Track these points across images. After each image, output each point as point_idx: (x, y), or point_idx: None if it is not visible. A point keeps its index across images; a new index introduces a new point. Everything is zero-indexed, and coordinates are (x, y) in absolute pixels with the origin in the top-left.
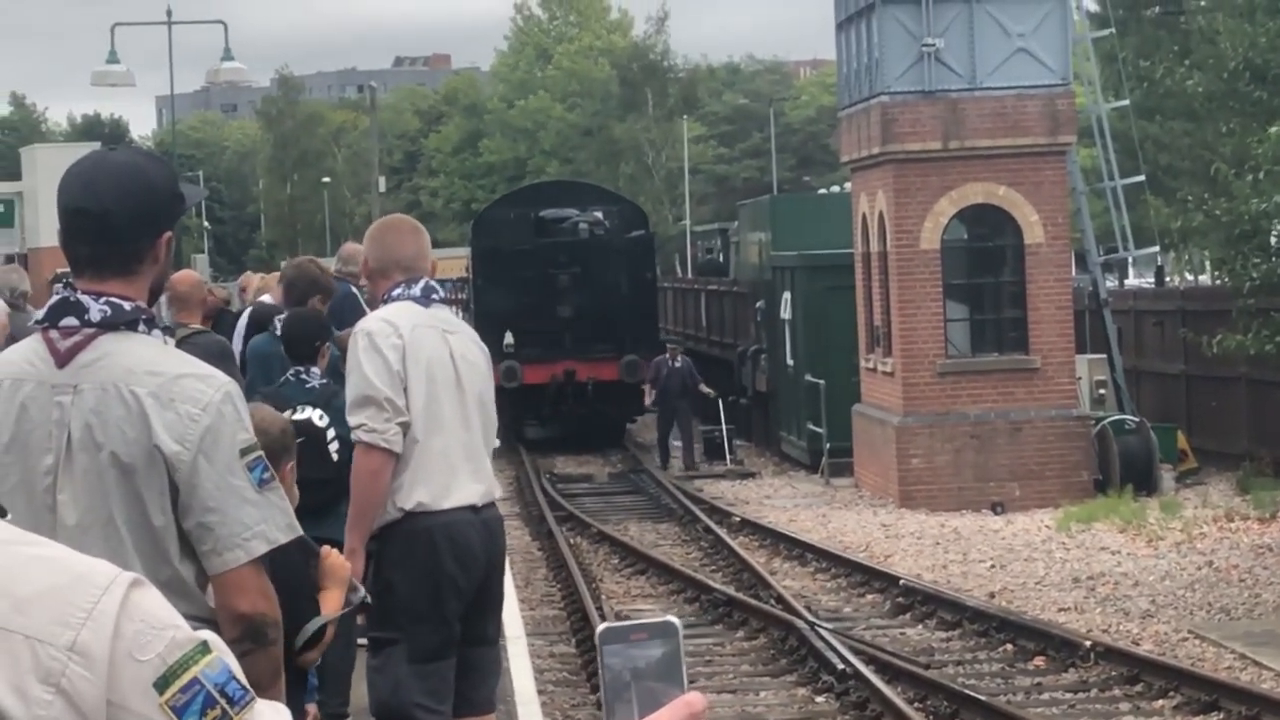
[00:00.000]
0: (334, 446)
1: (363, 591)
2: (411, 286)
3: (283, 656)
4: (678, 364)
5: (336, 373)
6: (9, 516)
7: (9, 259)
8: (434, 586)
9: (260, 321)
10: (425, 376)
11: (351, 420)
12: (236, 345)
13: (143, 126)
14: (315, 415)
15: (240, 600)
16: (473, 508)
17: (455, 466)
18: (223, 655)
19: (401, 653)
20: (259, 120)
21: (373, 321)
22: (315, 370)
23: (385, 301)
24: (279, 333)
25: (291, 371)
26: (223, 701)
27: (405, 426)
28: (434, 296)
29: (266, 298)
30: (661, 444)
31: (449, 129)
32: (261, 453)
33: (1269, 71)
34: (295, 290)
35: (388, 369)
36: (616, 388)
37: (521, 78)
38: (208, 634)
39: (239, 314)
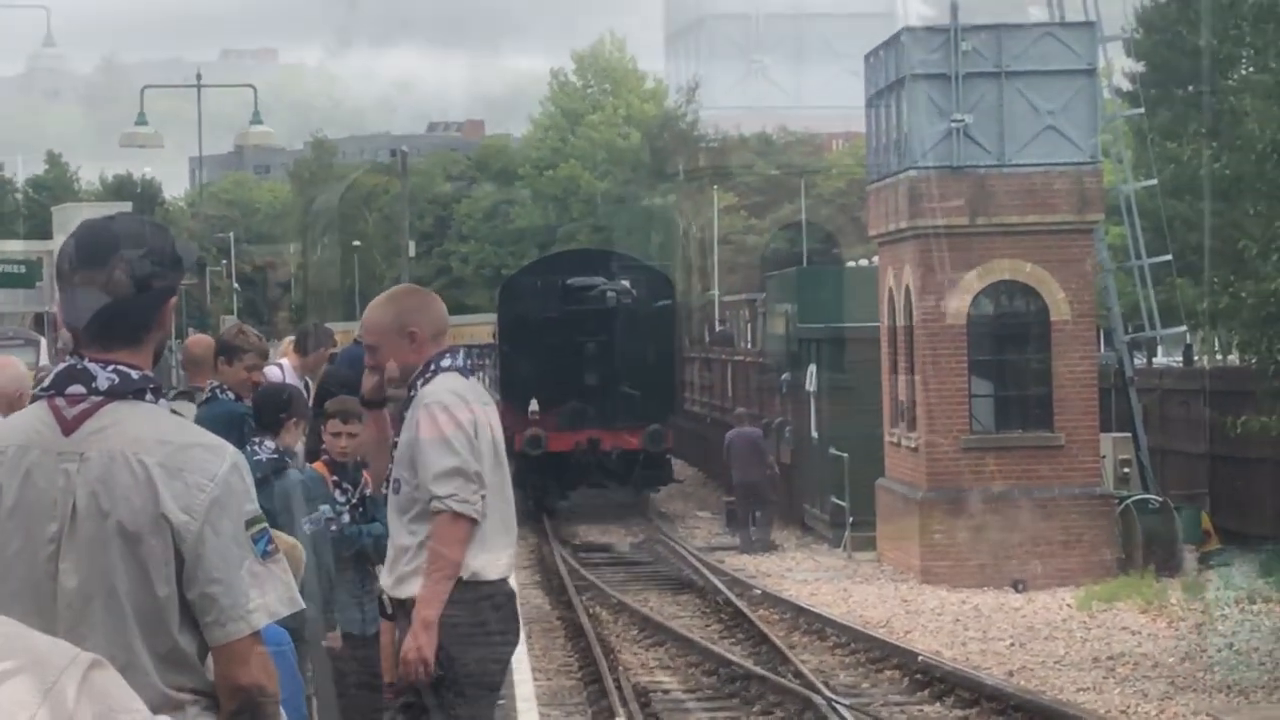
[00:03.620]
0: None
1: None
2: (455, 357)
3: None
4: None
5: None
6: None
7: (38, 318)
8: (499, 654)
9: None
10: (491, 450)
11: (442, 490)
12: None
13: (176, 187)
14: None
15: (241, 672)
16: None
17: (510, 538)
18: None
19: None
20: (290, 183)
21: (446, 394)
22: (270, 444)
23: (434, 370)
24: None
25: (252, 440)
26: None
27: (484, 499)
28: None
29: (285, 362)
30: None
31: (480, 195)
32: (265, 525)
33: None
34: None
35: (470, 441)
36: (640, 457)
37: (554, 144)
38: (164, 718)
39: None
